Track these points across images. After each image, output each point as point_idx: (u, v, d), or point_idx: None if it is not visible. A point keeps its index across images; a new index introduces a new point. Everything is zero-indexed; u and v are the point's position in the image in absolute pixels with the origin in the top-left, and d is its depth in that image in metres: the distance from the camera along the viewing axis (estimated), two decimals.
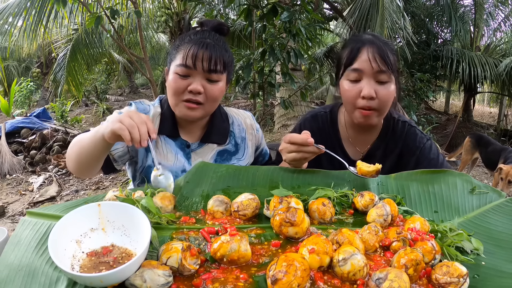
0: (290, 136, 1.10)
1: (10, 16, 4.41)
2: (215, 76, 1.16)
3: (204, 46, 1.14)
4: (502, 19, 9.20)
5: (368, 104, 1.18)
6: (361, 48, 1.19)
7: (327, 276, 0.69)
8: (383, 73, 1.17)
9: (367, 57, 1.17)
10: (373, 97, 1.17)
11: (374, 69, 1.16)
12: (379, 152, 1.34)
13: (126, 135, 0.91)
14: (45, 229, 0.80)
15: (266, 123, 7.51)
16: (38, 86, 12.31)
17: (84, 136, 1.10)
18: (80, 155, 1.11)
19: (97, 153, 1.07)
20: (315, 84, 8.75)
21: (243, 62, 3.10)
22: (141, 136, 0.92)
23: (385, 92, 1.18)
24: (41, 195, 4.35)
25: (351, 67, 1.20)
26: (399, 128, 1.34)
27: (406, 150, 1.32)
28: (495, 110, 12.09)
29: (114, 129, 0.93)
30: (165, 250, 0.69)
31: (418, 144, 1.31)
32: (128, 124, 0.92)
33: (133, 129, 0.92)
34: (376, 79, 1.18)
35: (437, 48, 7.64)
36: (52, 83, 7.63)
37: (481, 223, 0.96)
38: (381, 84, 1.18)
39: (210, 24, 1.25)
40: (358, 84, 1.19)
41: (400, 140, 1.33)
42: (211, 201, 0.91)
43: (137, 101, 1.28)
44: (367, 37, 1.22)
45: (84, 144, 1.08)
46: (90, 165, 1.13)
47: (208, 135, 1.30)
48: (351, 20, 5.72)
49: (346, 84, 1.22)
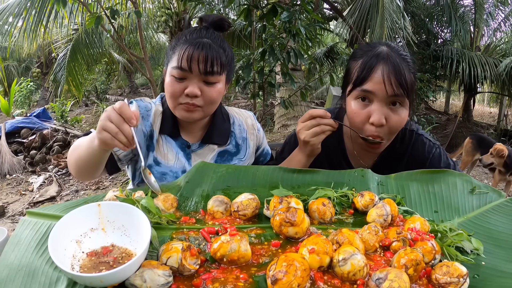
0: (311, 110, 1.11)
1: (10, 16, 4.41)
2: (212, 78, 1.13)
3: (200, 47, 1.09)
4: (502, 19, 9.20)
5: (377, 132, 1.07)
6: (375, 66, 1.04)
7: (327, 276, 0.69)
8: (397, 97, 1.04)
9: (381, 78, 1.02)
10: (382, 124, 1.05)
11: (388, 93, 1.03)
12: (386, 164, 1.24)
13: (117, 145, 0.90)
14: (45, 229, 0.80)
15: (266, 123, 7.51)
16: (38, 86, 12.31)
17: (81, 144, 1.08)
18: (79, 162, 1.10)
19: (95, 160, 1.06)
20: (315, 84, 8.76)
21: (243, 62, 3.10)
22: (127, 137, 0.91)
23: (396, 118, 1.06)
24: (41, 195, 4.35)
25: (361, 87, 1.06)
26: (407, 138, 1.24)
27: (414, 161, 1.23)
28: (495, 110, 12.08)
29: (103, 140, 0.92)
30: (165, 250, 0.69)
31: (427, 154, 1.23)
32: (111, 131, 0.90)
33: (117, 135, 0.90)
34: (389, 102, 1.05)
35: (437, 48, 7.63)
36: (52, 83, 7.63)
37: (481, 223, 0.96)
38: (393, 110, 1.06)
39: (210, 19, 1.20)
40: (368, 108, 1.07)
41: (407, 150, 1.25)
42: (211, 201, 0.91)
43: (138, 98, 1.27)
44: (383, 51, 1.07)
45: (82, 152, 1.07)
46: (90, 171, 1.13)
47: (209, 136, 1.29)
48: (351, 20, 5.72)
49: (354, 104, 1.09)
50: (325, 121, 1.10)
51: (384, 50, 1.07)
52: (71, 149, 1.15)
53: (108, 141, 0.91)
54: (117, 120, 0.90)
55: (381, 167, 1.18)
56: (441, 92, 11.40)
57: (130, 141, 0.92)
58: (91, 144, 1.02)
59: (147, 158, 1.23)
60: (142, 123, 1.22)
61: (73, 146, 1.14)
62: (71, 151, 1.14)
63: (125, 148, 0.92)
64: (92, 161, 1.07)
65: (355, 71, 1.09)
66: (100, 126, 0.92)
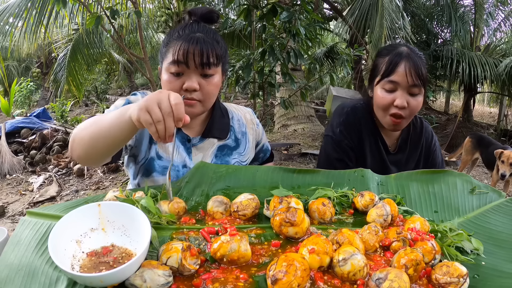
0: None
1: (11, 17, 4.41)
2: (209, 70, 1.13)
3: (194, 42, 1.10)
4: (502, 19, 9.20)
5: (400, 112, 1.29)
6: (399, 62, 1.29)
7: (327, 276, 0.69)
8: (416, 87, 1.28)
9: (404, 72, 1.27)
10: (405, 107, 1.28)
11: (409, 83, 1.27)
12: (407, 146, 1.48)
13: (153, 132, 0.83)
14: (45, 229, 0.80)
15: (266, 123, 7.50)
16: (38, 86, 12.32)
17: (105, 117, 0.96)
18: (97, 138, 0.96)
19: (121, 136, 0.94)
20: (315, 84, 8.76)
21: (243, 62, 3.10)
22: (166, 132, 0.84)
23: (415, 103, 1.30)
24: (41, 195, 4.35)
25: (388, 78, 1.30)
26: (419, 123, 1.51)
27: (425, 144, 1.50)
28: (495, 110, 12.09)
29: (142, 120, 0.83)
30: (165, 250, 0.69)
31: (434, 141, 1.51)
32: (155, 117, 0.82)
33: (159, 124, 0.82)
34: (409, 91, 1.29)
35: (437, 48, 7.63)
36: (53, 83, 7.62)
37: (481, 223, 0.96)
38: (412, 96, 1.29)
39: (199, 12, 1.20)
40: (392, 94, 1.30)
41: (421, 134, 1.49)
42: (211, 202, 0.91)
43: (142, 91, 1.26)
44: (405, 51, 1.32)
45: (105, 126, 0.94)
46: (107, 150, 1.00)
47: (209, 130, 1.29)
48: (350, 20, 5.72)
49: (381, 92, 1.33)
50: None
51: (405, 50, 1.33)
52: (83, 126, 1.01)
53: (146, 123, 0.83)
54: (166, 110, 0.82)
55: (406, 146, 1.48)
56: (441, 92, 11.41)
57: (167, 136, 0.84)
58: (121, 116, 0.91)
59: (149, 151, 1.23)
60: None
61: (87, 122, 1.01)
62: (85, 127, 1.00)
63: (158, 138, 0.84)
64: (116, 136, 0.94)
65: (383, 66, 1.33)
66: (146, 106, 0.83)
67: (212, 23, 1.22)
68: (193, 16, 1.21)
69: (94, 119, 1.00)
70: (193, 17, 1.21)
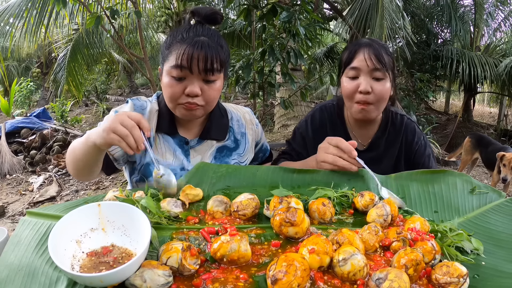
0: (339, 140, 1.14)
1: (11, 17, 4.41)
2: (212, 76, 1.12)
3: (199, 47, 1.08)
4: (502, 19, 9.20)
5: (365, 98, 1.28)
6: (358, 49, 1.30)
7: (327, 276, 0.69)
8: (378, 71, 1.27)
9: (363, 57, 1.28)
10: (369, 92, 1.27)
11: (370, 67, 1.27)
12: (381, 143, 1.43)
13: (123, 147, 0.92)
14: (45, 229, 0.80)
15: (266, 123, 7.51)
16: (38, 86, 12.31)
17: (76, 145, 1.11)
18: (76, 163, 1.12)
19: (91, 159, 1.09)
20: (315, 84, 8.75)
21: (243, 62, 3.10)
22: (136, 141, 0.92)
23: (380, 87, 1.28)
24: (41, 195, 4.35)
25: (349, 66, 1.31)
26: (398, 121, 1.44)
27: (405, 142, 1.42)
28: (495, 110, 12.08)
29: (108, 141, 0.93)
30: (165, 250, 0.69)
31: (417, 139, 1.42)
32: (121, 133, 0.92)
33: (127, 138, 0.92)
34: (372, 76, 1.28)
35: (437, 48, 7.63)
36: (52, 83, 7.63)
37: (481, 223, 0.96)
38: (377, 81, 1.28)
39: (203, 13, 1.18)
40: (356, 81, 1.30)
41: (400, 132, 1.43)
42: (211, 201, 0.91)
43: (134, 98, 1.26)
44: (365, 41, 1.34)
45: (77, 152, 1.09)
46: (88, 171, 1.15)
47: (207, 131, 1.28)
48: (350, 20, 5.71)
49: (345, 81, 1.33)
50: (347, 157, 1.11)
51: (366, 40, 1.35)
52: (68, 151, 1.16)
53: (114, 143, 0.93)
54: (129, 124, 0.93)
55: (378, 146, 1.43)
56: (441, 92, 11.40)
57: (138, 146, 0.93)
58: (85, 145, 1.04)
59: (144, 157, 1.22)
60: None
61: (69, 148, 1.16)
62: (69, 153, 1.16)
63: (131, 151, 0.93)
64: (88, 161, 1.09)
65: (345, 57, 1.35)
66: (109, 127, 0.93)
67: (216, 24, 1.20)
68: (196, 17, 1.19)
69: (72, 147, 1.14)
70: (196, 17, 1.19)
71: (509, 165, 3.76)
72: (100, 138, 0.96)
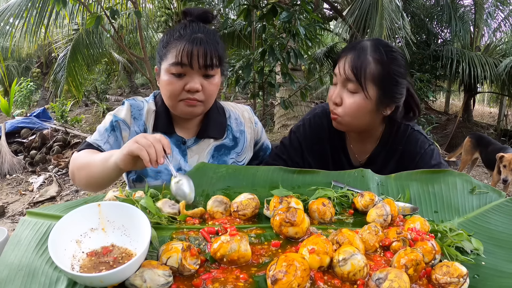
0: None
1: (11, 17, 4.41)
2: (211, 71, 1.14)
3: (198, 43, 1.10)
4: (502, 19, 9.19)
5: (333, 108, 1.22)
6: (341, 53, 1.21)
7: (327, 276, 0.69)
8: (350, 82, 1.15)
9: (342, 63, 1.17)
10: (336, 103, 1.19)
11: (342, 76, 1.17)
12: (379, 159, 1.32)
13: (144, 155, 0.92)
14: (45, 229, 0.80)
15: (266, 123, 7.51)
16: (38, 86, 12.30)
17: (92, 162, 1.09)
18: (90, 179, 1.11)
19: (107, 178, 1.08)
20: (315, 84, 8.76)
21: (243, 62, 3.10)
22: (157, 154, 0.93)
23: (350, 101, 1.16)
24: (41, 195, 4.35)
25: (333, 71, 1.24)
26: (401, 131, 1.30)
27: (406, 155, 1.28)
28: (495, 110, 12.08)
29: (132, 150, 0.94)
30: (165, 250, 0.69)
31: (419, 149, 1.26)
32: (144, 144, 0.93)
33: (149, 148, 0.93)
34: (345, 86, 1.17)
35: (437, 48, 7.63)
36: (52, 83, 7.62)
37: (481, 223, 0.96)
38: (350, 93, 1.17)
39: (195, 13, 1.21)
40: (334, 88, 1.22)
41: (401, 143, 1.29)
42: (210, 201, 0.91)
43: (130, 98, 1.27)
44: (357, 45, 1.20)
45: (94, 170, 1.08)
46: (101, 187, 1.15)
47: (204, 130, 1.28)
48: (350, 20, 5.72)
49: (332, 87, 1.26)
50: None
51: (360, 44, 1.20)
52: (77, 165, 1.14)
53: (136, 151, 0.93)
54: (152, 139, 0.95)
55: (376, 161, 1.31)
56: (441, 92, 11.40)
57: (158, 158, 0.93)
58: (104, 165, 1.04)
59: None
60: (134, 123, 1.23)
61: (79, 163, 1.14)
62: (80, 167, 1.13)
63: (149, 163, 0.93)
64: (104, 180, 1.09)
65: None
66: (134, 140, 0.95)
67: (208, 23, 1.22)
68: (189, 16, 1.21)
69: (86, 161, 1.12)
70: (189, 17, 1.21)
71: (509, 166, 3.76)
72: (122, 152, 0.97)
